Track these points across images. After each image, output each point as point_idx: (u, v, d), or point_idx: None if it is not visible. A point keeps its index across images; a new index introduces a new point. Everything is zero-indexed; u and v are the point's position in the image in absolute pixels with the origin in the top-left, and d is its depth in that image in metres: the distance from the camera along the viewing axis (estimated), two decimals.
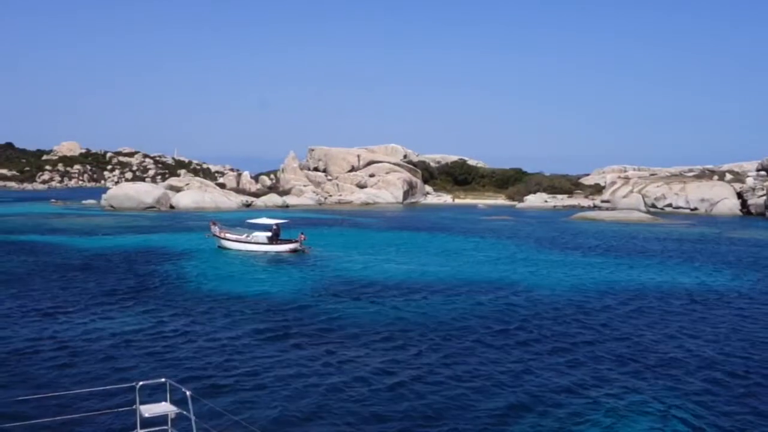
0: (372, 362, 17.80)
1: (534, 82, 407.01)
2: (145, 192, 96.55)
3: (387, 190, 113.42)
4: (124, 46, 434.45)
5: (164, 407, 7.10)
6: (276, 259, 40.24)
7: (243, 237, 44.21)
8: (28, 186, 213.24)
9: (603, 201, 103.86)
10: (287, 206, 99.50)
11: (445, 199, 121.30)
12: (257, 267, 37.09)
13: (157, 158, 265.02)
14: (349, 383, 15.99)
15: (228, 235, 44.40)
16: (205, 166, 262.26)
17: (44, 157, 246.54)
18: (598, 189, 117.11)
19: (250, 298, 27.00)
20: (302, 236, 43.91)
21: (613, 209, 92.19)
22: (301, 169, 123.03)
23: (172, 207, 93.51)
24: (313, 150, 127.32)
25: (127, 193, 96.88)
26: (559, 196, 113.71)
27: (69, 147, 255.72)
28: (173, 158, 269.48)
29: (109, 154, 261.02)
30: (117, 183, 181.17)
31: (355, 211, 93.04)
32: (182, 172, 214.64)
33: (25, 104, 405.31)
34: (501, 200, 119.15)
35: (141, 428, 7.13)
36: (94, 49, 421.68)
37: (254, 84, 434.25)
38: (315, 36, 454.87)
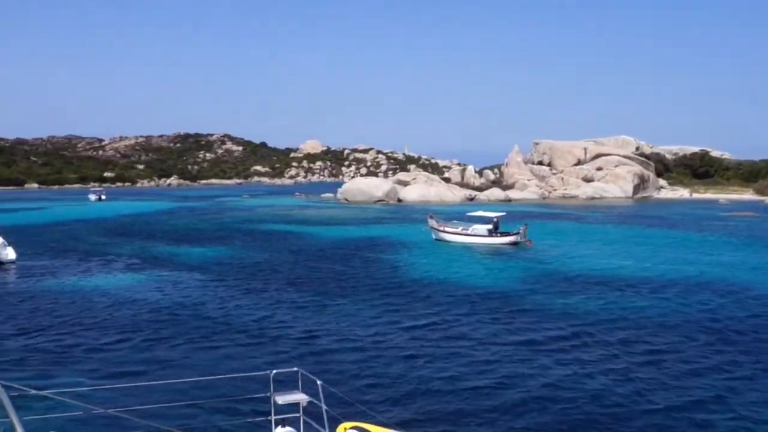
0: (582, 363, 17.31)
1: None
2: (375, 186, 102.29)
3: (615, 184, 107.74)
4: (360, 51, 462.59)
5: (297, 396, 7.40)
6: (495, 251, 40.50)
7: (460, 229, 45.11)
8: (277, 181, 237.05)
9: None
10: (509, 200, 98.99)
11: (682, 193, 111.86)
12: (474, 258, 37.70)
13: (389, 154, 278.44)
14: (551, 387, 15.52)
15: (446, 228, 45.58)
16: (433, 161, 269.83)
17: (291, 155, 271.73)
18: None
19: (462, 287, 27.59)
20: (525, 227, 43.62)
21: None
22: (525, 163, 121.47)
23: (399, 200, 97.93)
24: (537, 143, 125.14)
25: (360, 187, 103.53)
26: None
27: (312, 145, 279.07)
28: (404, 154, 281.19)
29: (346, 151, 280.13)
30: (352, 178, 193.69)
31: (580, 206, 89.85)
32: (412, 167, 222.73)
33: (276, 108, 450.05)
34: (748, 195, 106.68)
35: (275, 415, 7.41)
36: (335, 56, 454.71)
37: (480, 76, 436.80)
38: (544, 21, 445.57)
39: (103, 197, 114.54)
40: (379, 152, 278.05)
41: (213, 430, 9.57)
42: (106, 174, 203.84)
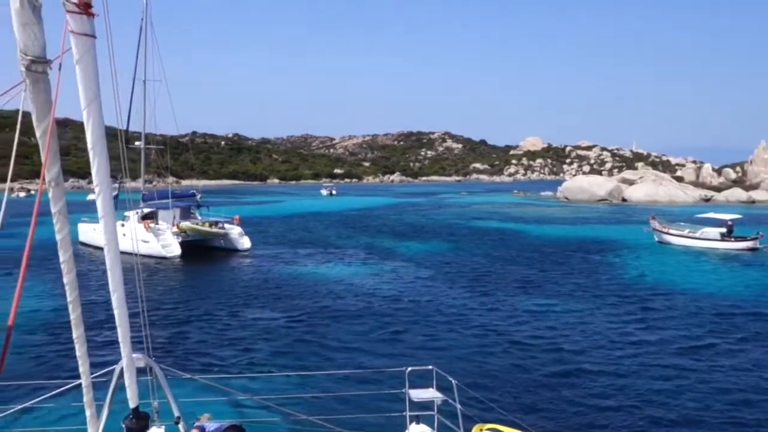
0: None
1: None
2: (598, 185, 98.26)
3: None
4: (589, 49, 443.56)
5: (431, 393, 7.48)
6: (728, 258, 37.04)
7: (686, 232, 41.88)
8: (496, 178, 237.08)
9: None
10: (753, 202, 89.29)
11: None
12: (703, 264, 34.77)
13: (615, 151, 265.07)
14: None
15: (671, 230, 42.59)
16: (664, 158, 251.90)
17: (511, 152, 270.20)
18: None
19: (683, 294, 25.70)
20: (761, 234, 39.45)
21: None
22: None
23: (624, 200, 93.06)
24: None
25: (581, 185, 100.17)
26: None
27: (532, 142, 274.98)
28: (631, 151, 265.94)
29: (568, 148, 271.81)
30: (574, 176, 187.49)
31: None
32: (639, 164, 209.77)
33: (497, 105, 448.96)
34: None
35: (410, 411, 7.44)
36: (563, 55, 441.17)
37: (724, 65, 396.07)
38: None
39: (334, 192, 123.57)
40: (603, 149, 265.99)
41: (350, 422, 10.08)
42: (336, 170, 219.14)
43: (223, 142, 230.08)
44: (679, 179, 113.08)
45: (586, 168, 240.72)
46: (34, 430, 9.00)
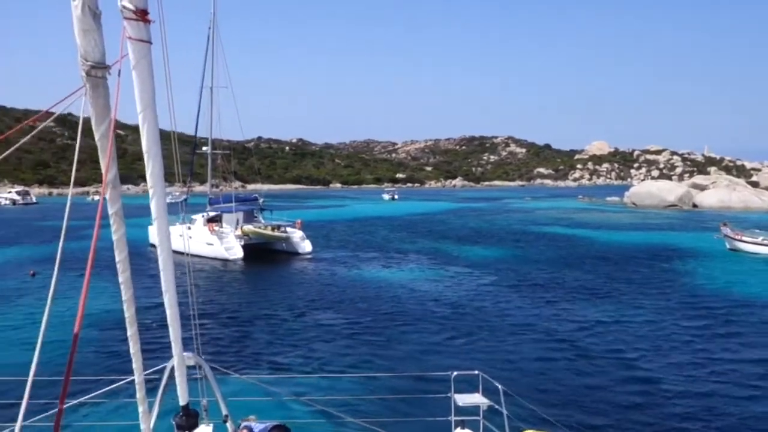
0: None
1: None
2: (667, 190, 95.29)
3: None
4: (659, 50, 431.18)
5: (477, 398, 7.33)
6: None
7: (760, 239, 40.02)
8: (560, 183, 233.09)
9: None
10: None
11: None
12: None
13: (685, 155, 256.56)
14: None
15: (744, 237, 40.83)
16: (738, 162, 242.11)
17: (576, 157, 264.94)
18: None
19: (762, 306, 24.55)
20: None
21: None
22: None
23: (695, 206, 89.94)
24: None
25: (649, 190, 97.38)
26: None
27: (599, 146, 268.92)
28: (703, 155, 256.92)
29: (636, 152, 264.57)
30: (642, 181, 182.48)
31: None
32: (712, 169, 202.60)
33: (561, 109, 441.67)
34: None
35: (455, 416, 7.36)
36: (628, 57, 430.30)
37: None
38: None
39: (396, 197, 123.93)
40: (673, 153, 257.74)
41: (394, 425, 9.98)
42: (398, 175, 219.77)
43: (287, 147, 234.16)
44: (755, 184, 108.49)
45: (655, 173, 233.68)
46: (91, 424, 9.35)
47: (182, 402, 5.62)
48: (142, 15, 3.83)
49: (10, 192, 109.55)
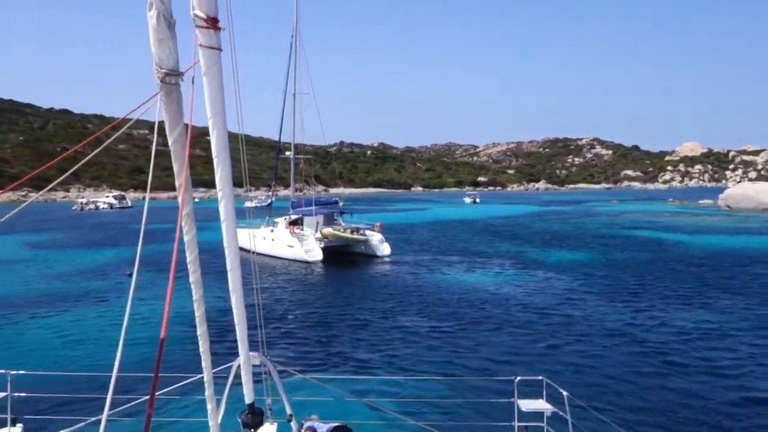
0: None
1: None
2: (765, 192, 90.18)
3: None
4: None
5: (541, 404, 7.19)
6: None
7: None
8: (649, 186, 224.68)
9: None
10: None
11: None
12: None
13: None
14: None
15: None
16: None
17: (666, 158, 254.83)
18: None
19: None
20: None
21: None
22: None
23: None
24: None
25: (746, 192, 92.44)
26: None
27: (690, 147, 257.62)
28: None
29: (731, 153, 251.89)
30: (738, 182, 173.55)
31: None
32: None
33: (649, 110, 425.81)
34: None
35: (518, 421, 7.25)
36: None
37: None
38: None
39: (477, 200, 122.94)
40: None
41: (456, 429, 9.69)
42: (480, 178, 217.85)
43: (369, 152, 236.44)
44: None
45: (753, 174, 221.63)
46: (161, 420, 9.66)
47: (248, 400, 5.75)
48: (213, 23, 3.93)
49: (107, 196, 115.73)
